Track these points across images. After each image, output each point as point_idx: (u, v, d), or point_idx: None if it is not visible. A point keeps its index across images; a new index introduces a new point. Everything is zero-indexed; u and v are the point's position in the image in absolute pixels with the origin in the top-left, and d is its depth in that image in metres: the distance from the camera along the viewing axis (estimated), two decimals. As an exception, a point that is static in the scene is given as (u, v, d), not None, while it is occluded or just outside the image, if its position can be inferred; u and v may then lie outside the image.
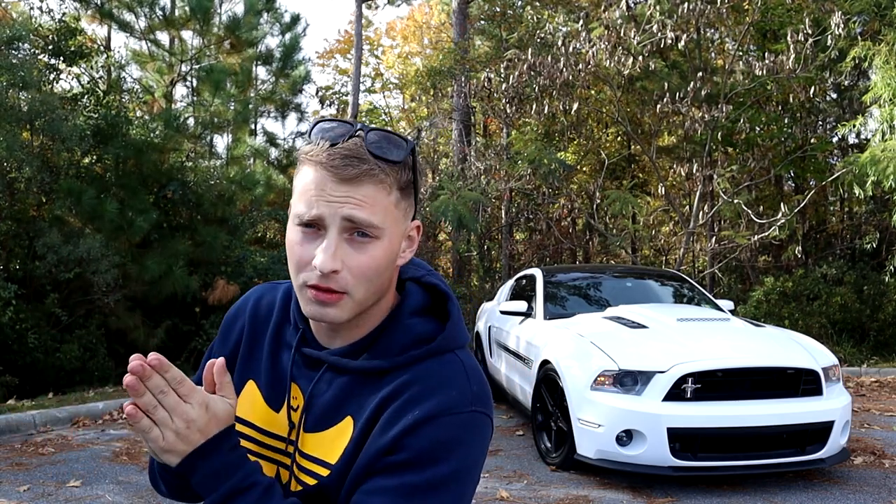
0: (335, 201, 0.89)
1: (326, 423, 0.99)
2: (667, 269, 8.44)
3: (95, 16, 9.88)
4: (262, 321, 1.10)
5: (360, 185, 0.89)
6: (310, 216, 0.90)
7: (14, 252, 8.15)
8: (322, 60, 21.12)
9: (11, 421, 5.49)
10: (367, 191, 0.90)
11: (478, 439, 0.94)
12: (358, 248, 0.91)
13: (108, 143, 8.50)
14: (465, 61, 12.89)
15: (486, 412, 0.95)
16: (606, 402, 4.13)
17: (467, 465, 0.92)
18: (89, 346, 8.10)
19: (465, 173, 11.69)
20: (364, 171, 0.89)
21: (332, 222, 0.89)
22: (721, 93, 9.52)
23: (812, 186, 11.28)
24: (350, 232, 0.90)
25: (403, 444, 0.90)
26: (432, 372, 0.95)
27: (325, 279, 0.90)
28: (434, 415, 0.91)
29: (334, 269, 0.89)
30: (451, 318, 1.00)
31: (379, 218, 0.90)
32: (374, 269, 0.92)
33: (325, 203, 0.89)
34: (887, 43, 8.40)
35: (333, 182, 0.89)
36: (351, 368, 0.98)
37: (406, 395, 0.93)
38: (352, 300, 0.92)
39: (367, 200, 0.90)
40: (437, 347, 0.97)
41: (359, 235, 0.90)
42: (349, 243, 0.90)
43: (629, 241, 12.38)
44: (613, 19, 9.14)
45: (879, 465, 4.61)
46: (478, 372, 0.98)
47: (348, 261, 0.90)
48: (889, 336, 9.86)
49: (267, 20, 11.32)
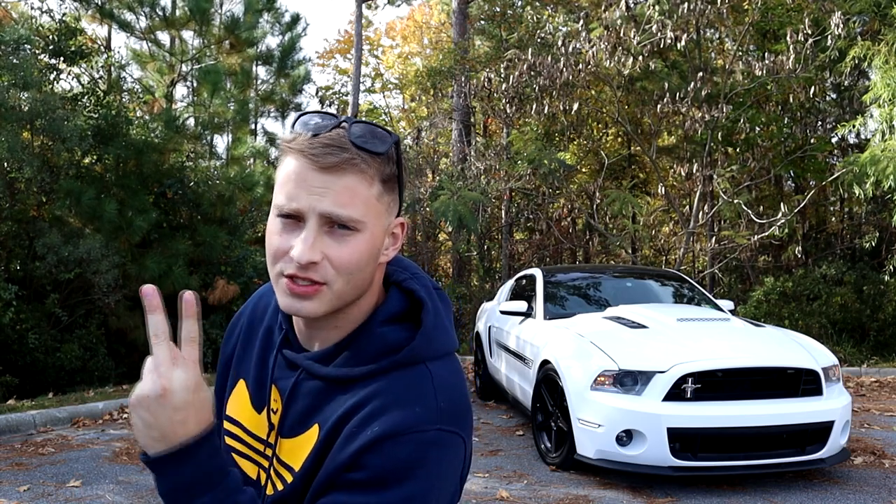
0: (315, 193, 0.87)
1: (298, 428, 0.96)
2: (667, 269, 8.44)
3: (96, 16, 9.88)
4: (257, 321, 1.10)
5: (340, 175, 0.87)
6: (289, 207, 0.88)
7: (14, 252, 8.15)
8: (322, 60, 21.12)
9: (11, 421, 5.49)
10: (347, 181, 0.87)
11: (443, 460, 0.87)
12: (338, 239, 0.88)
13: (108, 143, 8.50)
14: (465, 61, 12.90)
15: (454, 430, 0.88)
16: (606, 402, 4.13)
17: (428, 488, 0.86)
18: (89, 346, 8.11)
19: (465, 173, 11.70)
20: (345, 159, 0.87)
21: (311, 213, 0.87)
22: (721, 93, 9.53)
23: (812, 186, 11.28)
24: (330, 224, 0.88)
25: (362, 462, 0.86)
26: (397, 386, 0.90)
27: (303, 269, 0.87)
28: (395, 432, 0.85)
29: (312, 259, 0.87)
30: (424, 327, 0.94)
31: (360, 210, 0.88)
32: (356, 262, 0.89)
33: (305, 194, 0.87)
34: (887, 43, 8.40)
35: (313, 171, 0.87)
36: (321, 375, 0.95)
37: (368, 409, 0.88)
38: (330, 292, 0.89)
39: (347, 192, 0.87)
40: (404, 359, 0.91)
41: (339, 227, 0.88)
42: (329, 235, 0.88)
43: (629, 241, 12.38)
44: (613, 19, 9.14)
45: (879, 465, 4.61)
46: (448, 386, 0.91)
47: (329, 252, 0.88)
48: (889, 336, 9.86)
49: (267, 20, 11.32)
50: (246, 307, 1.15)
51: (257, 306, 1.13)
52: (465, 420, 0.91)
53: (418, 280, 1.00)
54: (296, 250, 0.87)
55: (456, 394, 0.92)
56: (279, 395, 0.99)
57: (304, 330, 0.99)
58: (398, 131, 18.42)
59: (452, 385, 0.92)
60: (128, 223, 8.27)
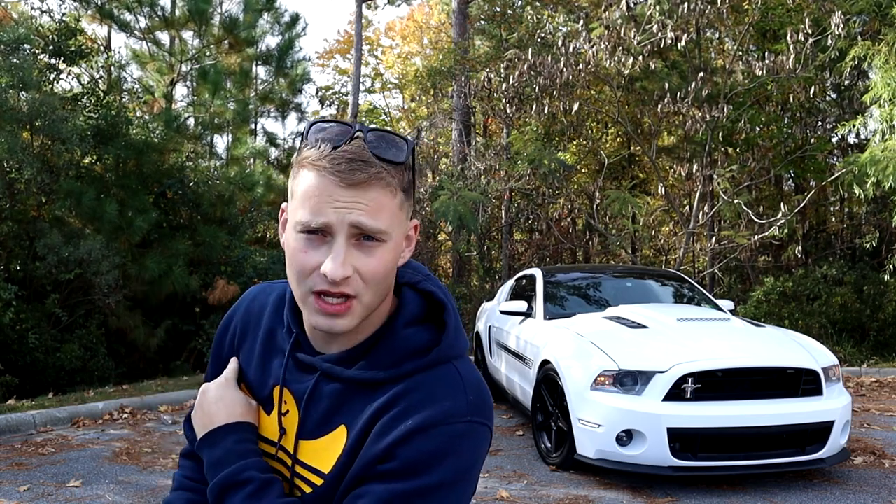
0: (342, 207, 0.86)
1: (321, 430, 0.97)
2: (667, 269, 8.44)
3: (95, 16, 9.88)
4: (253, 324, 1.09)
5: (367, 190, 0.87)
6: (317, 223, 0.87)
7: (14, 253, 8.15)
8: (322, 60, 21.12)
9: (11, 421, 5.49)
10: (373, 195, 0.87)
11: (472, 450, 0.92)
12: (366, 252, 0.88)
13: (108, 144, 8.51)
14: (465, 61, 12.89)
15: (483, 422, 0.93)
16: (606, 402, 4.13)
17: (458, 476, 0.91)
18: (89, 345, 8.11)
19: (465, 173, 11.69)
20: (372, 174, 0.87)
21: (339, 229, 0.87)
22: (721, 93, 9.52)
23: (812, 186, 11.28)
24: (357, 237, 0.88)
25: (395, 454, 0.89)
26: (427, 383, 0.93)
27: (336, 285, 0.88)
28: (427, 425, 0.89)
29: (346, 275, 0.87)
30: (448, 329, 0.97)
31: (386, 222, 0.89)
32: (383, 273, 0.90)
33: (332, 209, 0.86)
34: (887, 43, 8.39)
35: (340, 188, 0.86)
36: (345, 378, 0.96)
37: (400, 406, 0.91)
38: (360, 305, 0.90)
39: (374, 205, 0.87)
40: (434, 360, 0.95)
41: (365, 240, 0.88)
42: (356, 248, 0.88)
43: (629, 241, 12.38)
44: (613, 19, 9.14)
45: (879, 465, 4.61)
46: (475, 381, 0.96)
47: (358, 265, 0.88)
48: (889, 336, 9.86)
49: (267, 20, 11.32)
50: (236, 310, 1.14)
51: (250, 308, 1.11)
52: (490, 412, 0.96)
53: (432, 282, 1.02)
54: (328, 267, 0.87)
55: (482, 388, 0.97)
56: (293, 399, 0.99)
57: (322, 335, 0.99)
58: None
59: (478, 380, 0.97)
60: (128, 223, 8.28)
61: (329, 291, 0.88)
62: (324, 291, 0.88)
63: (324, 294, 0.89)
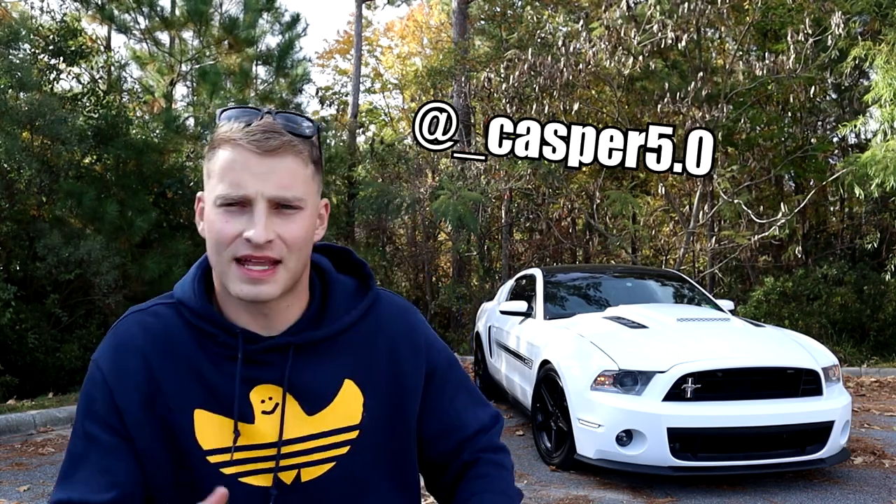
0: (260, 176, 0.91)
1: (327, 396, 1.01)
2: (667, 269, 8.44)
3: (96, 16, 9.88)
4: (166, 346, 0.99)
5: (282, 157, 0.92)
6: (237, 194, 0.91)
7: (14, 253, 8.15)
8: (322, 61, 21.11)
9: (11, 421, 5.49)
10: (288, 163, 0.93)
11: None
12: (286, 218, 0.93)
13: (108, 144, 8.50)
14: (465, 61, 12.89)
15: None
16: (606, 402, 4.13)
17: None
18: (89, 345, 8.10)
19: (465, 173, 11.69)
20: (285, 142, 0.92)
21: (259, 197, 0.91)
22: (721, 93, 9.52)
23: (812, 186, 11.27)
24: (276, 205, 0.92)
25: (431, 368, 1.12)
26: (390, 308, 1.12)
27: (260, 249, 0.91)
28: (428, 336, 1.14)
29: (269, 238, 0.91)
30: (365, 265, 1.13)
31: (301, 189, 0.94)
32: (303, 238, 0.95)
33: (250, 179, 0.91)
34: (888, 43, 8.39)
35: (256, 156, 0.91)
36: (321, 338, 1.02)
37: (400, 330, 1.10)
38: (285, 270, 0.94)
39: (289, 173, 0.92)
40: (376, 291, 1.10)
41: (283, 207, 0.92)
42: (276, 215, 0.92)
43: (629, 241, 12.38)
44: (613, 19, 9.14)
45: (879, 465, 4.61)
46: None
47: (280, 230, 0.92)
48: (889, 336, 9.85)
49: (267, 20, 11.31)
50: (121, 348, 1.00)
51: (150, 333, 1.00)
52: None
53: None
54: (252, 232, 0.90)
55: None
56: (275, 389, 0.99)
57: (258, 319, 0.99)
58: (398, 131, 18.41)
59: None
60: (128, 223, 8.27)
61: (253, 256, 0.91)
62: (247, 257, 0.92)
63: (247, 261, 0.92)
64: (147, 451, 0.97)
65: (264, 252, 0.91)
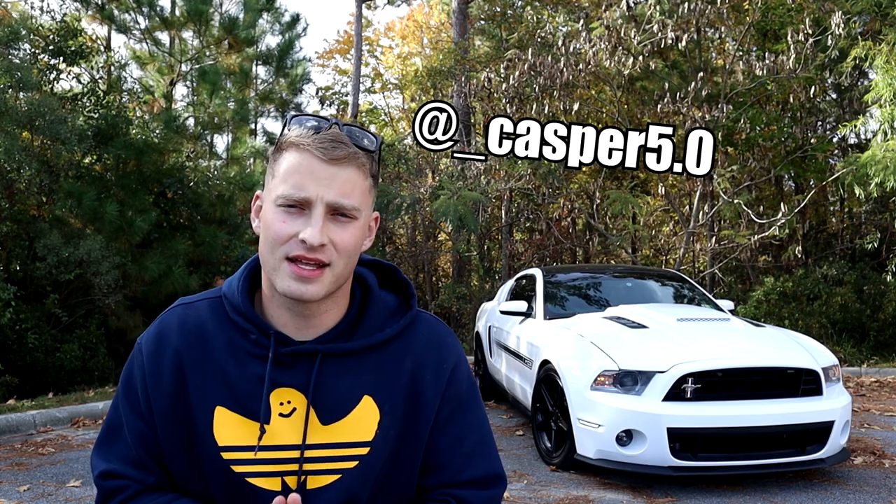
0: (322, 182, 0.94)
1: (344, 408, 1.02)
2: (667, 269, 8.44)
3: (96, 16, 9.88)
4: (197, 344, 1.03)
5: (345, 167, 0.96)
6: (298, 196, 0.94)
7: (14, 253, 8.14)
8: (322, 61, 21.13)
9: (11, 421, 5.49)
10: (350, 173, 0.96)
11: None
12: (341, 226, 0.96)
13: (108, 144, 8.50)
14: (465, 61, 12.89)
15: None
16: (606, 402, 4.13)
17: None
18: (89, 345, 8.10)
19: (465, 173, 11.69)
20: (350, 153, 0.96)
21: (319, 201, 0.94)
22: (721, 93, 9.52)
23: (812, 186, 11.27)
24: (333, 211, 0.95)
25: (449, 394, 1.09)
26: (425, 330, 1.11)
27: (312, 251, 0.94)
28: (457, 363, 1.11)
29: (323, 241, 0.94)
30: (409, 285, 1.12)
31: (358, 200, 0.97)
32: (354, 247, 0.98)
33: (312, 183, 0.94)
34: (888, 43, 8.38)
35: (322, 163, 0.95)
36: (348, 350, 1.03)
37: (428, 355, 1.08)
38: (332, 274, 0.97)
39: (349, 182, 0.96)
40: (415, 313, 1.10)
41: (340, 215, 0.96)
42: (332, 221, 0.96)
43: (629, 241, 12.37)
44: (614, 19, 9.14)
45: (879, 465, 4.61)
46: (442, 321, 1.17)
47: (333, 236, 0.96)
48: (889, 336, 9.85)
49: (267, 20, 11.32)
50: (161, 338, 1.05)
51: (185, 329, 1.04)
52: None
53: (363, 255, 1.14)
54: (308, 233, 0.94)
55: None
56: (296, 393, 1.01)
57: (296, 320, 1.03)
58: (398, 131, 18.42)
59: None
60: (128, 223, 8.27)
61: (305, 257, 0.95)
62: (298, 257, 0.95)
63: (298, 260, 0.95)
64: (166, 439, 1.03)
65: (316, 254, 0.95)
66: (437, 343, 1.10)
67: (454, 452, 1.09)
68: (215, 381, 1.02)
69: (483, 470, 1.11)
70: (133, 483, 1.03)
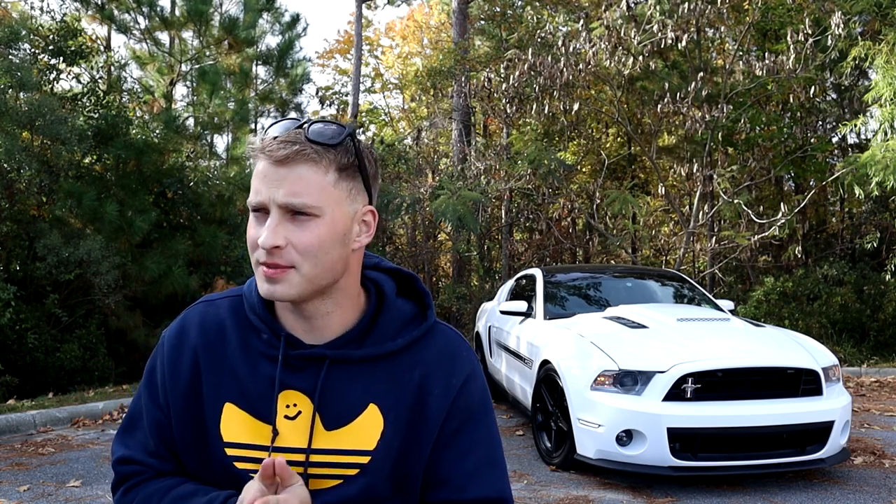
0: (273, 184, 0.95)
1: (349, 415, 1.01)
2: (667, 269, 8.44)
3: (96, 16, 9.88)
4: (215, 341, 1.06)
5: (294, 166, 0.95)
6: (255, 201, 0.96)
7: (14, 253, 8.14)
8: (322, 61, 21.12)
9: (11, 421, 5.49)
10: (301, 171, 0.95)
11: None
12: (299, 225, 0.95)
13: (108, 144, 8.50)
14: (465, 61, 12.88)
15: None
16: (606, 402, 4.13)
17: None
18: (89, 345, 8.10)
19: (465, 173, 11.69)
20: (295, 151, 0.95)
21: (271, 204, 0.95)
22: (721, 93, 9.52)
23: (812, 186, 11.27)
24: (290, 212, 0.95)
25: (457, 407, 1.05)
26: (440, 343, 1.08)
27: (270, 255, 0.95)
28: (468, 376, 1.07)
29: (275, 244, 0.94)
30: (428, 295, 1.11)
31: (314, 197, 0.95)
32: (317, 245, 0.96)
33: (265, 187, 0.95)
34: (888, 43, 8.38)
35: (271, 165, 0.95)
36: (358, 358, 1.02)
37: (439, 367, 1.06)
38: (299, 275, 0.96)
39: (300, 180, 0.95)
40: (431, 323, 1.08)
41: (298, 214, 0.95)
42: (290, 222, 0.95)
43: (629, 241, 12.37)
44: (614, 19, 9.13)
45: (879, 465, 4.61)
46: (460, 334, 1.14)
47: (291, 237, 0.95)
48: (889, 336, 9.85)
49: (267, 20, 11.32)
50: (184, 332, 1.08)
51: (205, 327, 1.08)
52: None
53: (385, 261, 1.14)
54: (261, 238, 0.95)
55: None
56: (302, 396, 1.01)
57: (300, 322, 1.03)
58: (398, 131, 18.41)
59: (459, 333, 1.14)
60: (128, 223, 8.27)
61: (267, 262, 0.96)
62: (264, 263, 0.96)
63: (264, 265, 0.96)
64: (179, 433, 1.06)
65: (273, 259, 0.95)
66: (451, 355, 1.07)
67: (459, 466, 1.06)
68: (227, 378, 1.04)
69: (489, 491, 1.06)
70: (148, 470, 1.08)
